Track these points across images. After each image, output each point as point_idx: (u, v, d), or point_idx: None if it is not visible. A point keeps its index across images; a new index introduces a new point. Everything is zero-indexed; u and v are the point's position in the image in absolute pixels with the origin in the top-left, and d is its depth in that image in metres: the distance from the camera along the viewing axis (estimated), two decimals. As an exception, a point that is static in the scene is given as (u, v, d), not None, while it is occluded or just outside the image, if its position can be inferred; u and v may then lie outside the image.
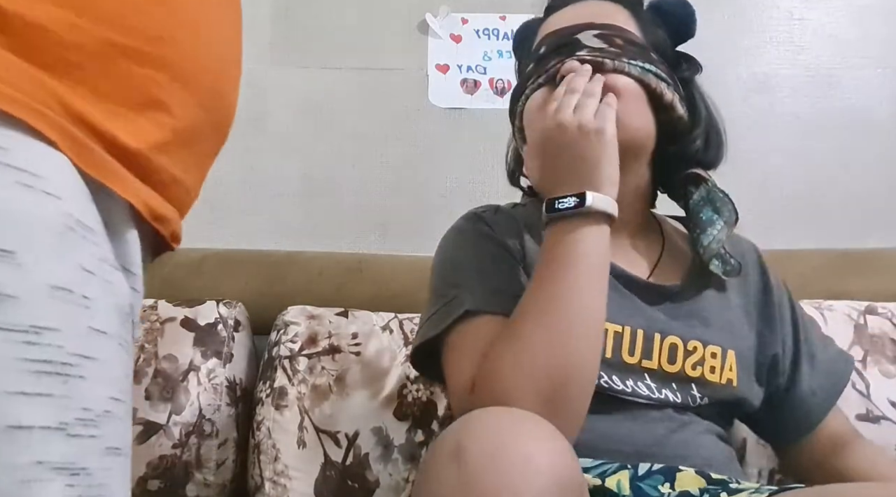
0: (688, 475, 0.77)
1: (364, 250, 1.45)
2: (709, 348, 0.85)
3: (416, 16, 1.54)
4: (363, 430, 1.13)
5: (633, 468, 0.76)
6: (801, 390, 0.91)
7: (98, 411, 0.44)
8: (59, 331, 0.41)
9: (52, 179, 0.42)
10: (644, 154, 0.88)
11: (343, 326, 1.21)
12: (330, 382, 1.16)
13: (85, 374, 0.43)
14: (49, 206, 0.41)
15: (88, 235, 0.44)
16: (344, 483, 1.11)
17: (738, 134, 1.52)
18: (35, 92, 0.43)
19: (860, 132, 1.51)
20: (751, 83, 1.53)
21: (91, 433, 0.43)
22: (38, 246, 0.40)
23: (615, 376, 0.81)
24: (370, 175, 1.52)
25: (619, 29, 0.87)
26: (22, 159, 0.41)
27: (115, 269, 0.47)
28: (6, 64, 0.42)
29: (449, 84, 1.54)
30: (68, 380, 0.42)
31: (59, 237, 0.42)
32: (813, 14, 1.55)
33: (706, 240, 0.87)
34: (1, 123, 0.40)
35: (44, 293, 0.40)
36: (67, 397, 0.42)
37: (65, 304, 0.42)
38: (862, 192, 1.49)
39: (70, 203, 0.42)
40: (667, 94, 0.86)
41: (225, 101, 0.56)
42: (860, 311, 1.19)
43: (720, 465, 0.81)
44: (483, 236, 0.88)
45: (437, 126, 1.52)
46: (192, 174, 0.54)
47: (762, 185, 1.50)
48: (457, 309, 0.81)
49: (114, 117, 0.46)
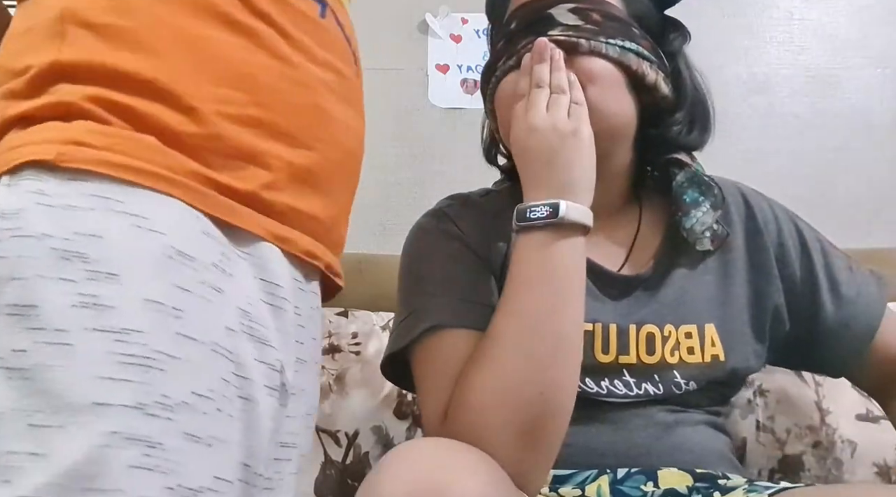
0: (671, 472, 0.75)
1: (364, 250, 1.44)
2: (682, 329, 0.80)
3: (416, 16, 1.54)
4: (363, 429, 1.13)
5: (611, 472, 0.75)
6: (829, 325, 0.85)
7: (176, 400, 0.53)
8: (145, 333, 0.53)
9: (159, 220, 0.55)
10: (624, 139, 0.83)
11: (343, 326, 1.21)
12: (330, 382, 1.16)
13: (165, 368, 0.53)
14: (153, 240, 0.55)
15: (187, 262, 0.56)
16: (344, 482, 1.11)
17: (738, 134, 1.53)
18: (159, 159, 0.57)
19: (860, 132, 1.51)
20: (751, 83, 1.53)
21: (168, 416, 0.53)
22: (138, 270, 0.54)
23: (588, 379, 0.77)
24: (370, 175, 1.51)
25: (597, 1, 0.80)
26: (136, 207, 0.55)
27: (216, 291, 0.58)
28: (145, 146, 0.57)
29: (449, 84, 1.54)
30: (149, 371, 0.52)
31: (158, 263, 0.55)
32: (813, 14, 1.55)
33: (689, 222, 0.82)
34: (125, 184, 0.55)
35: (136, 304, 0.53)
36: (147, 384, 0.52)
37: (154, 313, 0.53)
38: (862, 192, 1.49)
39: (173, 237, 0.56)
40: (649, 75, 0.80)
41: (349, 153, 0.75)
42: (860, 310, 1.19)
43: (708, 464, 0.78)
44: (448, 237, 0.84)
45: (437, 126, 1.52)
46: (314, 203, 0.67)
47: (762, 185, 1.50)
48: (422, 322, 0.77)
49: (224, 169, 0.60)
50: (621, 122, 0.80)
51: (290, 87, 0.65)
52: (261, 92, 0.63)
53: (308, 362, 0.70)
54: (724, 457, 0.82)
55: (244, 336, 0.60)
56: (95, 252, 0.53)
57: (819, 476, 1.08)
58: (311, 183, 0.67)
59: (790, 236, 0.87)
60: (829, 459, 1.08)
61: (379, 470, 0.59)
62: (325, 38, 0.71)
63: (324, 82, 0.69)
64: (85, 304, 0.52)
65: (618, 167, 0.84)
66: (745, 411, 1.13)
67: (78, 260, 0.53)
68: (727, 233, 0.84)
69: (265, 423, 0.61)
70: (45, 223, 0.53)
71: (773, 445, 1.10)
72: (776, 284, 0.85)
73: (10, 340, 0.51)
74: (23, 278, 0.52)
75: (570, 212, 0.71)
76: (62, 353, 0.51)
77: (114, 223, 0.54)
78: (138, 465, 0.51)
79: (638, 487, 0.75)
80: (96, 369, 0.51)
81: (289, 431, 0.66)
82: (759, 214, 0.87)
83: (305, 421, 0.70)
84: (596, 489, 0.74)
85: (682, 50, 0.87)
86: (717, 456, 0.81)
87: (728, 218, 0.86)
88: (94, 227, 0.54)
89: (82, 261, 0.53)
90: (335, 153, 0.70)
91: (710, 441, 0.81)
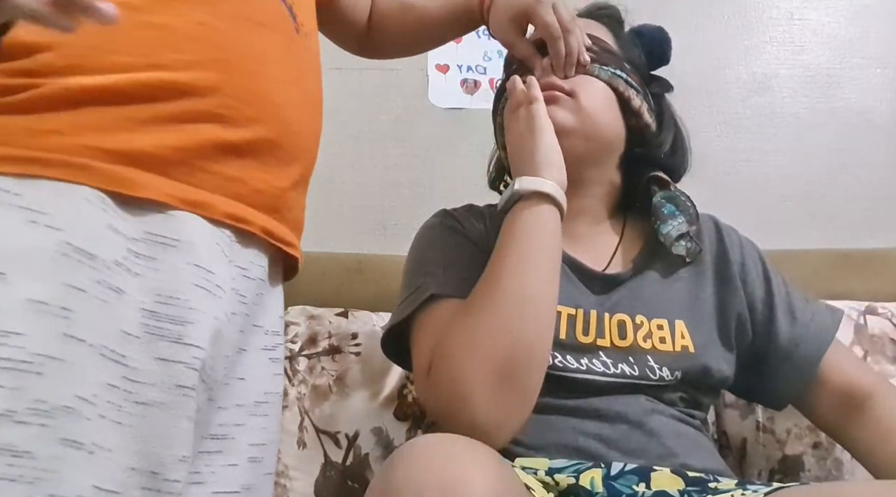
0: (663, 475, 0.77)
1: (364, 250, 1.44)
2: (654, 321, 0.87)
3: (415, 16, 1.54)
4: (363, 431, 1.13)
5: (605, 467, 0.77)
6: (781, 343, 0.91)
7: (55, 404, 0.51)
8: (24, 335, 0.50)
9: (59, 214, 0.53)
10: (613, 152, 0.94)
11: (343, 327, 1.21)
12: (330, 383, 1.16)
13: (44, 371, 0.50)
14: (48, 236, 0.52)
15: (85, 260, 0.54)
16: (344, 483, 1.11)
17: (738, 134, 1.53)
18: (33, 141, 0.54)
19: (860, 132, 1.51)
20: (751, 83, 1.53)
21: (42, 422, 0.50)
22: (26, 268, 0.51)
23: (569, 356, 0.84)
24: (370, 175, 1.52)
25: (597, 38, 0.94)
26: (34, 200, 0.52)
27: (116, 291, 0.55)
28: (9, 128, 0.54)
29: (449, 84, 1.54)
30: (23, 375, 0.49)
31: (50, 261, 0.52)
32: (813, 14, 1.55)
33: (665, 228, 0.91)
34: (21, 177, 0.53)
35: (18, 305, 0.50)
36: (19, 389, 0.49)
37: (37, 314, 0.51)
38: (862, 192, 1.49)
39: (72, 233, 0.53)
40: (635, 100, 0.92)
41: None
42: (860, 311, 1.19)
43: (688, 452, 0.82)
44: (451, 230, 0.94)
45: (437, 126, 1.52)
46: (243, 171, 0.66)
47: (762, 185, 1.50)
48: (422, 294, 0.86)
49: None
50: (610, 132, 0.92)
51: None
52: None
53: (249, 351, 0.69)
54: (702, 448, 0.85)
55: (147, 338, 0.58)
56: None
57: (819, 476, 1.08)
58: (238, 153, 0.65)
59: (753, 264, 0.95)
60: (829, 460, 1.08)
61: (392, 463, 0.61)
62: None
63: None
64: None
65: (605, 179, 0.95)
66: (745, 411, 1.13)
67: None
68: (700, 248, 0.93)
69: (181, 424, 0.59)
70: None
71: (773, 446, 1.11)
72: (739, 296, 0.92)
73: None
74: None
75: (524, 184, 0.83)
76: None
77: (7, 218, 0.52)
78: (1, 476, 0.48)
79: (630, 487, 0.76)
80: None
81: (220, 423, 0.65)
82: (727, 239, 0.96)
83: (253, 409, 0.69)
84: (589, 479, 0.76)
85: (664, 97, 1.00)
86: (696, 446, 0.84)
87: (700, 238, 0.95)
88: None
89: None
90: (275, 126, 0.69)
91: (685, 432, 0.85)
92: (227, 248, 0.65)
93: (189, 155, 0.61)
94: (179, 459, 0.59)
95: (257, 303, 0.70)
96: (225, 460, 0.65)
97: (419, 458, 0.60)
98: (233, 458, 0.66)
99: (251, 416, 0.69)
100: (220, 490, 0.65)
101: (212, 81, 0.63)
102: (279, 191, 0.70)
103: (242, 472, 0.67)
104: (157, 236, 0.59)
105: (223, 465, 0.65)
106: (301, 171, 0.73)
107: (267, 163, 0.67)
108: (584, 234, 0.93)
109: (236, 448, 0.67)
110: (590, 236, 0.94)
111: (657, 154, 0.96)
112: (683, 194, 0.94)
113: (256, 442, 0.69)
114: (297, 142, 0.72)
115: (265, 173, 0.67)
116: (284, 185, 0.71)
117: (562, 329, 0.85)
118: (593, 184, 0.94)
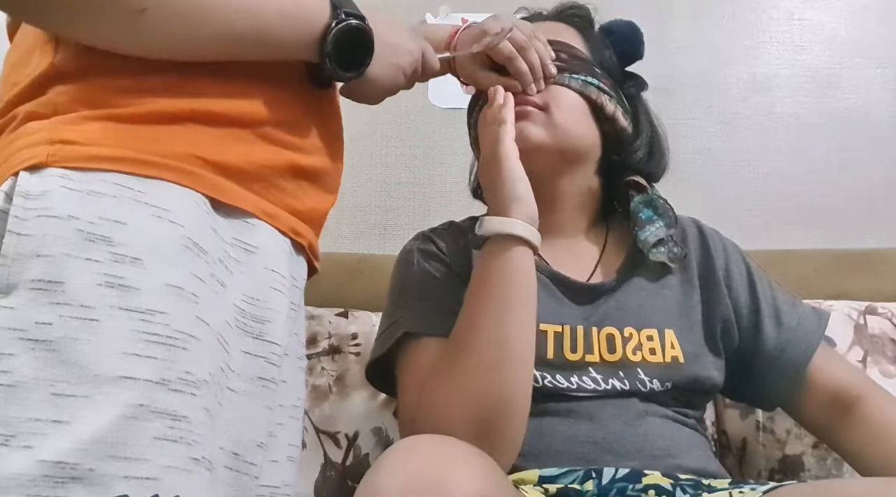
0: (654, 478, 0.77)
1: (364, 250, 1.44)
2: (643, 332, 0.87)
3: (416, 16, 1.54)
4: (363, 431, 1.13)
5: (596, 476, 0.77)
6: (768, 348, 0.91)
7: (199, 377, 0.57)
8: (168, 314, 0.56)
9: (178, 212, 0.59)
10: (589, 161, 0.93)
11: (343, 327, 1.21)
12: (330, 383, 1.16)
13: (188, 347, 0.57)
14: (173, 230, 0.58)
15: (201, 255, 0.60)
16: (344, 483, 1.11)
17: (738, 134, 1.53)
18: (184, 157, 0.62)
19: (860, 132, 1.51)
20: (751, 83, 1.53)
21: (192, 391, 0.56)
22: (160, 256, 0.57)
23: (559, 375, 0.83)
24: (370, 175, 1.52)
25: (566, 45, 0.93)
26: (156, 198, 0.59)
27: (221, 285, 0.62)
28: (132, 135, 0.61)
29: (449, 84, 1.52)
30: (171, 349, 0.56)
31: (178, 252, 0.58)
32: (813, 14, 1.55)
33: (643, 234, 0.91)
34: (142, 176, 0.59)
35: (159, 287, 0.57)
36: (170, 361, 0.56)
37: (175, 297, 0.57)
38: (862, 192, 1.49)
39: (190, 230, 0.59)
40: (608, 106, 0.91)
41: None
42: (860, 311, 1.19)
43: (681, 452, 0.82)
44: (427, 256, 0.93)
45: (437, 126, 1.52)
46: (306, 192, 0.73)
47: (762, 185, 1.50)
48: (399, 329, 0.85)
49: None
50: (585, 142, 0.92)
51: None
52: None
53: (290, 356, 0.74)
54: (696, 447, 0.85)
55: (238, 332, 0.64)
56: (120, 237, 0.56)
57: (819, 476, 1.08)
58: (304, 176, 0.72)
59: (738, 269, 0.94)
60: (829, 459, 1.08)
61: (378, 465, 0.62)
62: None
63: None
64: (111, 285, 0.55)
65: (583, 188, 0.95)
66: (746, 412, 1.13)
67: (103, 243, 0.56)
68: (685, 253, 0.92)
69: (260, 412, 0.65)
70: (71, 205, 0.56)
71: (773, 446, 1.11)
72: (725, 302, 0.92)
73: (34, 314, 0.53)
74: (49, 255, 0.54)
75: (484, 226, 0.81)
76: (89, 328, 0.53)
77: (136, 212, 0.58)
78: (163, 436, 0.54)
79: (624, 491, 0.77)
80: (122, 345, 0.54)
81: (276, 422, 0.70)
82: (711, 244, 0.95)
83: (291, 412, 0.74)
84: (581, 486, 0.77)
85: (639, 95, 0.99)
86: (690, 445, 0.84)
87: (685, 243, 0.95)
88: (117, 213, 0.57)
89: (107, 244, 0.56)
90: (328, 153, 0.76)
91: (679, 432, 0.85)
92: (289, 257, 0.71)
93: (268, 172, 0.68)
94: (258, 445, 0.65)
95: (299, 312, 0.76)
96: (269, 456, 0.69)
97: (404, 458, 0.61)
98: (275, 454, 0.70)
99: (290, 417, 0.74)
100: (268, 483, 0.69)
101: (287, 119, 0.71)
102: (324, 213, 0.77)
103: (282, 469, 0.72)
104: (242, 242, 0.66)
105: (268, 461, 0.69)
106: (335, 194, 0.80)
107: (320, 188, 0.75)
108: (564, 247, 0.93)
109: (278, 446, 0.71)
110: (571, 248, 0.94)
111: (634, 159, 0.95)
112: (661, 198, 0.93)
113: (293, 442, 0.75)
114: (338, 172, 0.79)
115: (318, 196, 0.75)
116: (327, 208, 0.78)
117: (549, 348, 0.84)
118: (570, 195, 0.94)
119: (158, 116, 0.62)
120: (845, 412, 0.89)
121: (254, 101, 0.68)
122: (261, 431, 0.66)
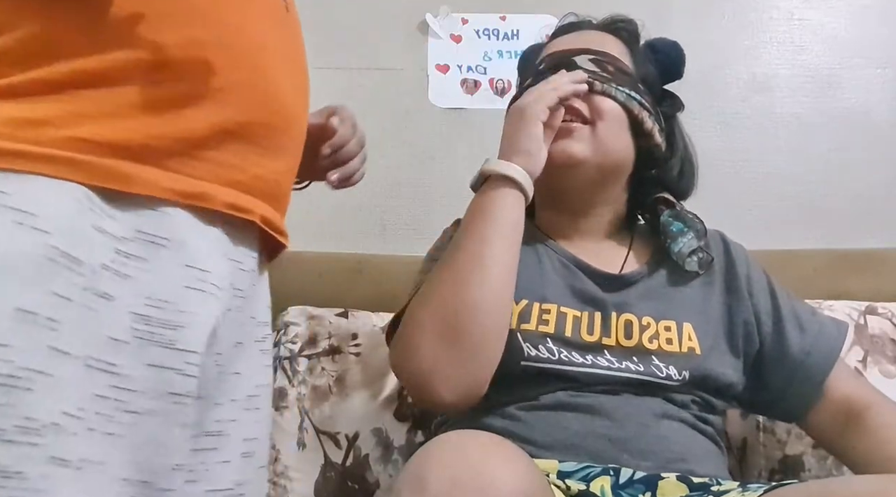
0: (669, 483, 0.78)
1: (364, 250, 1.44)
2: (662, 323, 0.89)
3: (416, 16, 1.54)
4: (363, 431, 1.13)
5: (614, 475, 0.78)
6: (793, 352, 0.92)
7: (44, 422, 0.48)
8: (13, 347, 0.47)
9: (46, 216, 0.49)
10: (622, 174, 0.96)
11: (343, 327, 1.21)
12: (330, 383, 1.16)
13: (33, 387, 0.48)
14: (36, 240, 0.49)
15: (73, 266, 0.50)
16: (344, 484, 1.10)
17: (738, 134, 1.53)
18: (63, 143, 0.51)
19: (860, 132, 1.51)
20: (751, 83, 1.53)
21: (32, 441, 0.47)
22: (13, 274, 0.48)
23: (574, 352, 0.86)
24: (370, 175, 1.50)
25: (613, 57, 0.96)
26: (23, 200, 0.49)
27: (104, 297, 0.52)
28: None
29: (449, 84, 1.53)
30: (11, 390, 0.47)
31: (38, 267, 0.49)
32: (813, 14, 1.55)
33: (676, 247, 0.94)
34: (10, 172, 0.49)
35: (7, 315, 0.47)
36: (9, 406, 0.46)
37: (24, 325, 0.48)
38: (862, 192, 1.49)
39: (59, 237, 0.50)
40: (647, 123, 0.94)
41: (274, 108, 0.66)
42: (860, 311, 1.19)
43: (697, 459, 0.82)
44: None
45: (437, 126, 1.52)
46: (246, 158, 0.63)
47: (762, 185, 1.50)
48: (421, 285, 0.89)
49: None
50: (620, 157, 0.94)
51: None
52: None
53: (245, 344, 0.67)
54: (711, 454, 0.86)
55: (138, 343, 0.55)
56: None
57: (819, 476, 1.08)
58: (237, 137, 0.62)
59: (758, 278, 0.97)
60: (829, 459, 1.08)
61: (425, 455, 0.62)
62: None
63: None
64: None
65: (612, 198, 0.98)
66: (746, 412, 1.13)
67: None
68: (712, 258, 0.95)
69: (173, 432, 0.57)
70: None
71: (774, 446, 1.11)
72: (746, 305, 0.94)
73: None
74: None
75: (489, 166, 0.88)
76: None
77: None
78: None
79: (636, 496, 0.77)
80: None
81: (217, 420, 0.64)
82: (734, 253, 0.98)
83: (245, 404, 0.67)
84: (599, 487, 0.76)
85: (675, 116, 1.02)
86: (702, 451, 0.85)
87: (710, 250, 0.96)
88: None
89: None
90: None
91: (695, 439, 0.85)
92: (222, 243, 0.63)
93: (185, 143, 0.58)
94: (172, 468, 0.58)
95: (251, 294, 0.68)
96: (219, 457, 0.64)
97: (452, 452, 0.61)
98: (226, 454, 0.65)
99: (244, 410, 0.67)
100: (213, 488, 0.63)
101: (207, 61, 0.59)
102: (278, 176, 0.67)
103: (235, 469, 0.66)
104: (148, 235, 0.56)
105: (217, 462, 0.64)
106: (294, 157, 0.70)
107: (265, 147, 0.64)
108: (592, 248, 0.96)
109: (230, 444, 0.65)
110: (598, 250, 0.96)
111: (668, 176, 0.98)
112: (689, 212, 0.96)
113: (249, 436, 0.68)
114: (292, 126, 0.68)
115: (264, 158, 0.64)
116: (282, 170, 0.67)
117: (567, 328, 0.87)
118: (601, 204, 0.97)
119: (36, 85, 0.52)
120: (853, 420, 0.89)
121: (154, 49, 0.55)
122: (177, 452, 0.58)
